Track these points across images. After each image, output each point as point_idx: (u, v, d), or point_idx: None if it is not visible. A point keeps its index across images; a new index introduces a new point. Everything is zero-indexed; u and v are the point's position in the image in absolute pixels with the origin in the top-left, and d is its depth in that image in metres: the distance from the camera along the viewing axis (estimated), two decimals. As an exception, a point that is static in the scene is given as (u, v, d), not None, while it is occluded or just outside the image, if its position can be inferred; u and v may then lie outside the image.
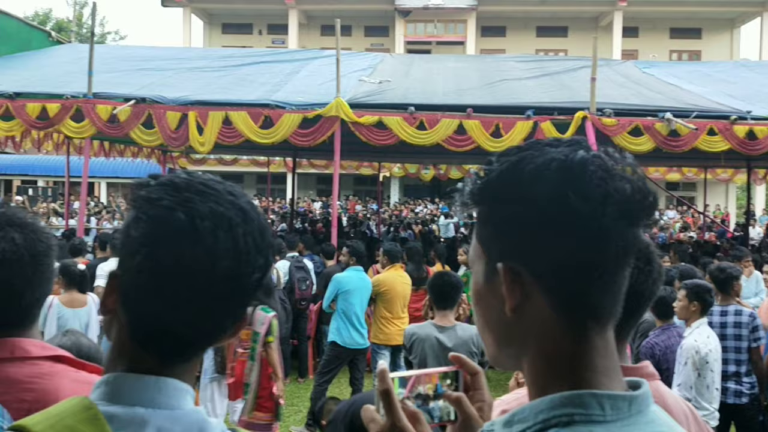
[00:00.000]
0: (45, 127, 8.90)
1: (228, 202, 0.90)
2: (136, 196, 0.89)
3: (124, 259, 0.89)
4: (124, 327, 0.90)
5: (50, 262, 1.41)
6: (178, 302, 0.87)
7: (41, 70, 10.67)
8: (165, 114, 8.47)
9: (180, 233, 0.85)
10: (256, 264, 0.90)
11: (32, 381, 1.33)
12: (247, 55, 12.90)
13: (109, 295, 0.91)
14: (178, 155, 17.52)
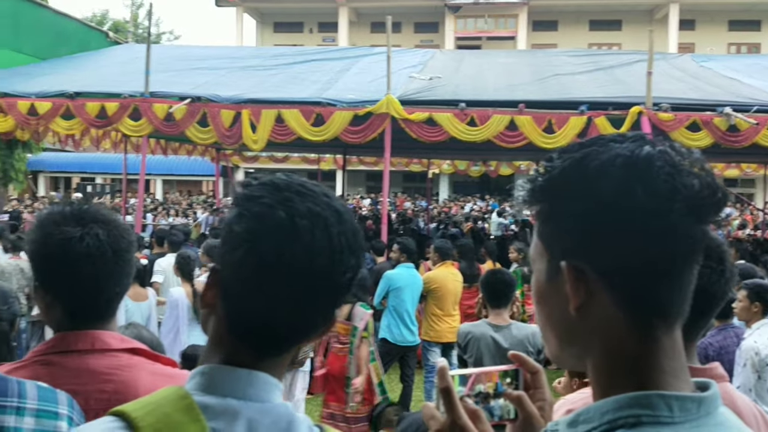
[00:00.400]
0: (104, 125, 9.16)
1: (324, 203, 0.93)
2: (239, 194, 0.94)
3: (225, 254, 0.92)
4: (222, 320, 0.93)
5: (131, 258, 1.47)
6: (277, 297, 0.90)
7: (100, 70, 10.97)
8: (219, 112, 8.62)
9: (280, 230, 0.89)
10: (348, 264, 0.93)
11: (112, 372, 1.38)
12: (299, 53, 13.01)
13: (209, 289, 0.94)
14: (231, 153, 17.80)
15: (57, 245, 1.35)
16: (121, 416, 0.86)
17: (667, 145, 0.79)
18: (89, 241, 1.37)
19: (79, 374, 1.31)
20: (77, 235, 1.37)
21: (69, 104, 8.81)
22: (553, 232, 0.82)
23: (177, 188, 33.22)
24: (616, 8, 33.96)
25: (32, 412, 1.07)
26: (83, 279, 1.38)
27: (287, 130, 8.75)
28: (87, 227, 1.39)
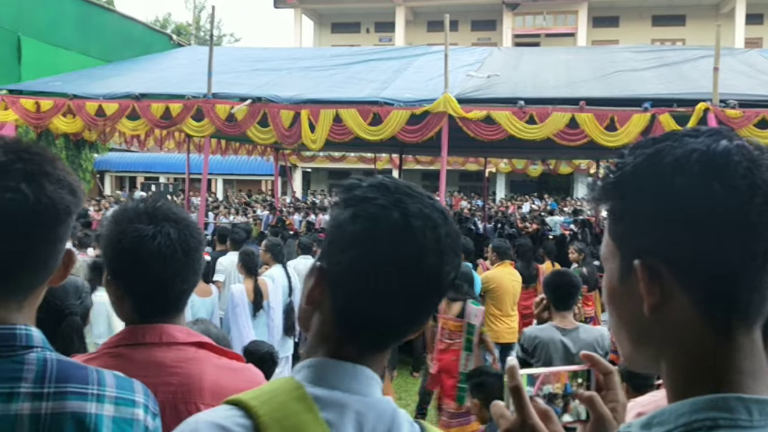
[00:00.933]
0: (168, 126, 9.41)
1: (430, 205, 0.96)
2: (351, 195, 0.97)
3: (336, 253, 0.95)
4: (329, 317, 0.96)
5: (199, 256, 1.51)
6: (388, 296, 0.92)
7: (164, 72, 11.27)
8: (279, 113, 8.75)
9: (396, 230, 0.92)
10: (453, 263, 0.96)
11: (178, 365, 1.41)
12: (356, 53, 13.09)
13: (316, 286, 0.97)
14: (290, 152, 18.06)
15: (130, 242, 1.39)
16: (239, 405, 0.89)
17: (745, 139, 0.77)
18: (160, 240, 1.41)
19: (146, 366, 1.35)
20: (149, 233, 1.41)
21: (135, 105, 9.08)
22: (625, 230, 0.81)
23: (237, 187, 33.87)
24: (680, 3, 32.99)
25: (111, 400, 1.11)
26: (153, 275, 1.42)
27: (345, 129, 8.82)
28: (159, 225, 1.43)
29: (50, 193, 1.08)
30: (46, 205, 1.07)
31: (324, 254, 0.98)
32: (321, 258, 0.98)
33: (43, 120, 9.42)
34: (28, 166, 1.08)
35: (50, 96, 9.44)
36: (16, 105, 9.39)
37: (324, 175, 36.09)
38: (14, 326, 1.08)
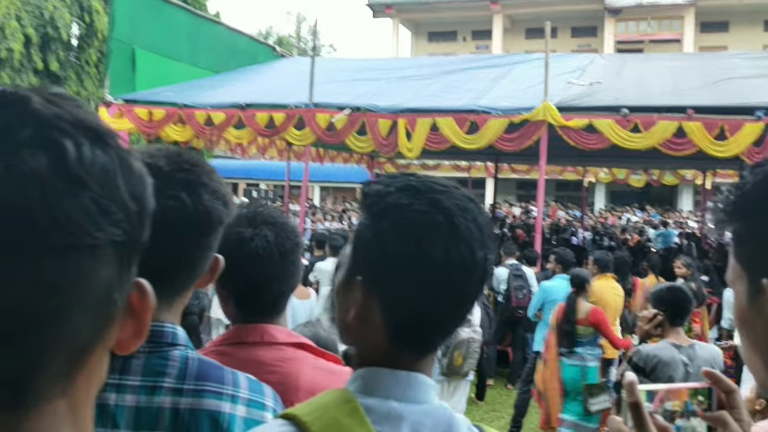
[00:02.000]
0: (271, 135, 9.73)
1: (461, 196, 0.95)
2: (384, 204, 0.94)
3: (379, 265, 0.93)
4: (379, 327, 0.94)
5: (296, 258, 1.54)
6: (444, 297, 0.92)
7: (268, 82, 11.66)
8: (377, 122, 8.87)
9: (444, 232, 0.91)
10: (492, 248, 0.96)
11: (277, 364, 1.46)
12: (453, 62, 13.10)
13: (361, 300, 0.95)
14: (385, 160, 18.26)
15: (231, 245, 1.43)
16: (292, 419, 0.89)
17: None
18: (258, 242, 1.47)
19: (246, 365, 1.39)
20: (248, 235, 1.47)
21: (240, 115, 9.44)
22: (750, 251, 0.78)
23: (333, 194, 34.53)
24: (797, 5, 31.07)
25: (244, 401, 1.16)
26: (252, 277, 1.47)
27: (441, 138, 8.84)
28: (258, 229, 1.48)
29: (206, 202, 1.16)
30: (201, 214, 1.15)
31: (362, 267, 0.95)
32: (359, 271, 0.95)
33: (156, 128, 9.95)
34: (189, 176, 1.16)
35: (162, 105, 9.96)
36: (131, 114, 9.96)
37: (418, 183, 36.17)
38: (163, 324, 1.16)
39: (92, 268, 0.49)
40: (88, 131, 0.50)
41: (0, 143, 0.46)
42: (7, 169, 0.46)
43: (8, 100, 0.49)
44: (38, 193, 0.46)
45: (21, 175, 0.46)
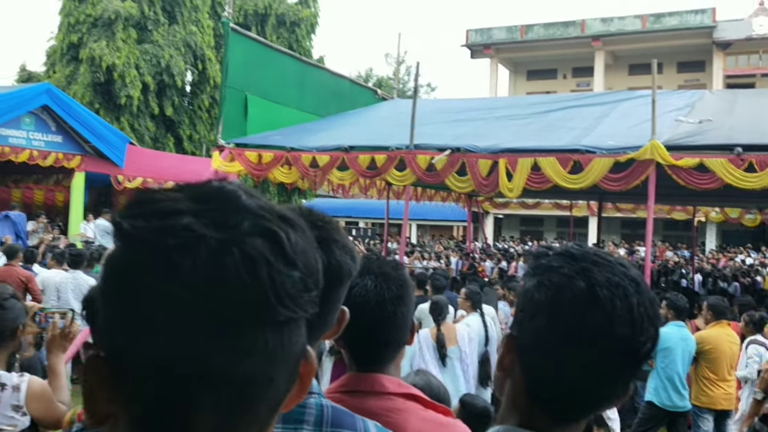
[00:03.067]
0: (373, 176, 9.94)
1: (621, 273, 0.94)
2: (538, 264, 0.98)
3: (524, 320, 0.97)
4: (519, 384, 0.97)
5: (398, 309, 1.53)
6: (577, 366, 0.92)
7: (369, 124, 11.95)
8: (477, 162, 8.90)
9: (581, 300, 0.91)
10: (648, 334, 0.92)
11: (386, 414, 1.46)
12: (554, 101, 12.98)
13: (507, 353, 0.99)
14: (483, 199, 18.18)
15: None
16: None
17: None
18: (357, 291, 1.49)
19: (357, 413, 1.44)
20: (351, 285, 1.47)
21: (344, 157, 9.71)
22: None
23: (430, 232, 34.60)
24: None
25: None
26: (352, 326, 1.49)
27: (543, 177, 8.74)
28: (361, 278, 1.50)
29: (338, 257, 1.22)
30: (334, 269, 1.21)
31: (515, 322, 0.99)
32: (512, 326, 1.00)
33: (264, 171, 10.38)
34: (321, 233, 1.22)
35: (271, 149, 10.39)
36: (242, 157, 10.44)
37: (516, 222, 35.73)
38: None
39: (296, 339, 0.57)
40: (283, 219, 0.58)
41: (230, 232, 0.54)
42: (240, 254, 0.53)
43: (225, 196, 0.57)
44: (266, 273, 0.54)
45: (251, 258, 0.53)
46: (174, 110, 24.24)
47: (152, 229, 0.54)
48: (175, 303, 0.52)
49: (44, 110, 16.45)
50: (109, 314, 0.56)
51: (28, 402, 2.29)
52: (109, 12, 22.32)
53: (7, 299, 2.36)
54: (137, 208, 0.56)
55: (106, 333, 0.56)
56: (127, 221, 0.55)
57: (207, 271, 0.52)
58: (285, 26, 27.04)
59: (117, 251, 0.56)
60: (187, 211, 0.55)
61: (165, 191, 0.58)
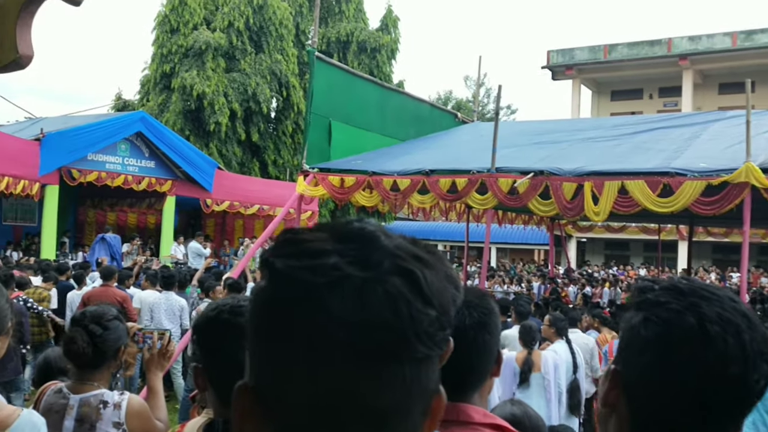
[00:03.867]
0: (454, 199, 9.93)
1: (732, 308, 0.91)
2: (643, 298, 0.96)
3: (630, 356, 0.95)
4: (625, 421, 0.95)
5: (477, 335, 1.51)
6: (686, 404, 0.89)
7: (450, 148, 11.98)
8: (561, 185, 8.76)
9: (691, 336, 0.89)
10: (761, 371, 0.89)
11: None
12: (641, 121, 12.64)
13: (612, 389, 0.97)
14: (566, 222, 17.83)
15: None
16: None
17: None
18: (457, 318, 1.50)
19: None
20: None
21: (425, 180, 9.75)
22: None
23: (510, 256, 34.12)
24: None
25: None
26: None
27: (631, 201, 8.52)
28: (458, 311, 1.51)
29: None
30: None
31: (619, 357, 0.97)
32: (616, 361, 0.98)
33: (346, 195, 10.55)
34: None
35: (353, 173, 10.56)
36: (325, 181, 10.66)
37: (600, 246, 34.77)
38: None
39: (431, 375, 0.60)
40: (418, 258, 0.61)
41: (372, 271, 0.58)
42: (383, 293, 0.57)
43: (366, 236, 0.61)
44: (406, 311, 0.57)
45: (392, 297, 0.57)
46: (260, 136, 24.99)
47: (304, 268, 0.58)
48: (325, 339, 0.56)
49: (138, 137, 17.32)
50: (258, 348, 0.60)
51: (128, 419, 2.39)
52: (200, 43, 23.34)
53: (111, 320, 2.49)
54: (287, 248, 0.60)
55: (256, 365, 0.60)
56: (279, 260, 0.59)
57: (353, 309, 0.56)
58: (366, 52, 27.51)
59: (267, 288, 0.60)
60: (333, 251, 0.58)
61: (310, 231, 0.62)
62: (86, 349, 2.39)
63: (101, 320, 2.47)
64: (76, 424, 2.34)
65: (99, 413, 2.35)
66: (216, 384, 1.52)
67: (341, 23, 28.00)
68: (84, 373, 2.45)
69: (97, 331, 2.42)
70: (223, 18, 24.58)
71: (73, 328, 2.44)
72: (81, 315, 2.50)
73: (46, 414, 2.24)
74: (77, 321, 2.47)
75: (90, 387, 2.43)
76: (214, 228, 22.00)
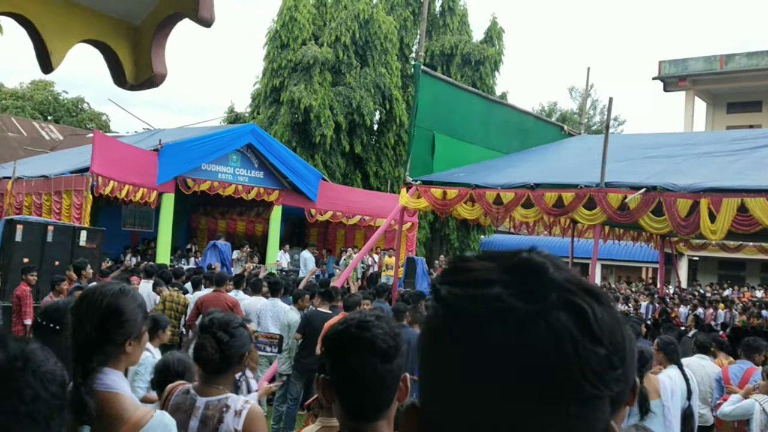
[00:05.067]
0: (559, 214, 9.71)
1: None
2: None
3: None
4: None
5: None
6: None
7: (556, 161, 11.72)
8: (675, 202, 8.39)
9: None
10: None
11: None
12: (762, 135, 11.90)
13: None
14: (678, 240, 17.05)
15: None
16: None
17: None
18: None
19: None
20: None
21: (530, 194, 9.59)
22: None
23: (616, 273, 32.95)
24: None
25: None
26: None
27: (751, 220, 8.05)
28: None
29: None
30: None
31: None
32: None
33: (448, 207, 10.54)
34: None
35: (455, 186, 10.54)
36: (428, 194, 10.69)
37: (713, 265, 32.95)
38: None
39: (600, 416, 0.57)
40: (589, 293, 0.59)
41: (537, 304, 0.57)
42: (546, 327, 0.56)
43: (534, 267, 0.60)
44: (571, 348, 0.55)
45: (556, 332, 0.56)
46: (362, 148, 25.41)
47: (466, 297, 0.58)
48: (486, 371, 0.56)
49: (249, 148, 18.01)
50: (425, 371, 0.62)
51: (246, 428, 2.46)
52: (308, 57, 24.03)
53: (237, 328, 2.59)
54: (454, 276, 0.61)
55: (424, 386, 0.62)
56: (444, 287, 0.60)
57: (514, 342, 0.55)
58: (470, 65, 27.45)
59: (434, 313, 0.62)
60: (498, 281, 0.58)
61: (479, 260, 0.62)
62: (214, 356, 2.49)
63: (228, 328, 2.56)
64: (200, 425, 2.45)
65: (222, 416, 2.45)
66: (342, 396, 1.56)
67: (445, 36, 28.07)
68: (210, 377, 2.55)
69: (224, 339, 2.52)
70: (331, 33, 25.22)
71: (203, 335, 2.55)
72: (209, 323, 2.60)
73: (173, 413, 2.35)
74: (206, 328, 2.58)
75: (216, 391, 2.52)
76: (317, 237, 22.50)
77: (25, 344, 0.89)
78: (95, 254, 11.48)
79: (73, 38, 2.37)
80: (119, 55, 2.52)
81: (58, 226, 11.57)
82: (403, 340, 1.62)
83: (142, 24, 2.62)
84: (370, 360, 1.51)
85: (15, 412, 0.81)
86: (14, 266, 10.33)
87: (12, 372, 0.84)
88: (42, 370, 0.87)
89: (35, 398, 0.84)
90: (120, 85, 2.58)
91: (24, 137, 28.03)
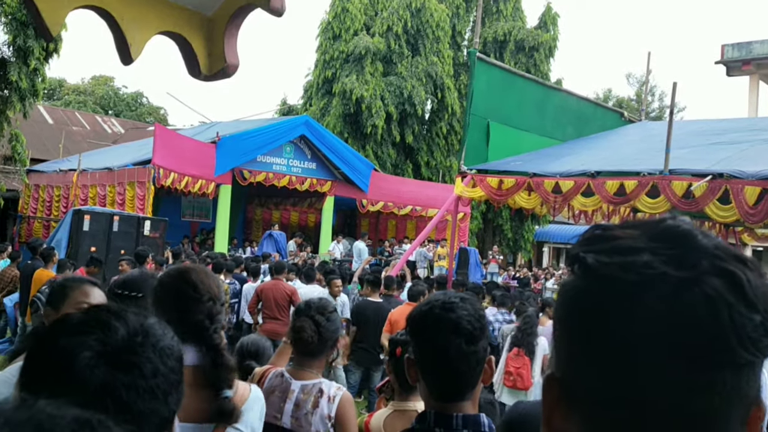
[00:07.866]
0: (621, 203, 9.50)
1: None
2: None
3: None
4: None
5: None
6: None
7: (617, 149, 11.46)
8: (743, 189, 8.12)
9: None
10: None
11: None
12: (835, 119, 11.41)
13: None
14: (742, 230, 16.51)
15: None
16: None
17: None
18: None
19: None
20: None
21: (590, 182, 9.41)
22: None
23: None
24: None
25: None
26: None
27: (826, 207, 7.73)
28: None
29: None
30: None
31: None
32: None
33: (505, 196, 10.42)
34: None
35: (512, 174, 10.42)
36: (483, 183, 10.60)
37: (779, 256, 31.80)
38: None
39: (752, 383, 0.56)
40: (739, 260, 0.57)
41: (689, 270, 0.55)
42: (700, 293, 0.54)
43: (682, 235, 0.58)
44: (727, 315, 0.54)
45: (711, 298, 0.54)
46: (414, 138, 25.31)
47: (615, 265, 0.56)
48: (638, 340, 0.54)
49: (302, 140, 18.16)
50: (567, 342, 0.60)
51: (338, 414, 2.48)
52: (360, 48, 24.05)
53: (332, 312, 2.62)
54: (598, 244, 0.59)
55: (564, 357, 0.60)
56: (590, 255, 0.58)
57: (667, 308, 0.54)
58: (524, 51, 27.03)
59: (576, 282, 0.59)
60: (646, 248, 0.56)
61: (622, 228, 0.60)
62: (313, 338, 2.52)
63: (324, 311, 2.59)
64: (294, 408, 2.48)
65: (317, 401, 2.47)
66: (426, 376, 1.56)
67: (498, 23, 27.70)
68: (305, 359, 2.58)
69: (322, 321, 2.55)
70: (382, 23, 25.16)
71: (301, 318, 2.58)
72: (306, 306, 2.63)
73: (268, 396, 2.39)
74: (303, 311, 2.60)
75: (310, 374, 2.55)
76: (369, 227, 22.57)
77: (144, 318, 0.90)
78: (159, 243, 11.77)
79: (151, 30, 2.41)
80: (194, 46, 2.55)
81: (123, 216, 11.89)
82: (487, 322, 1.62)
83: (215, 15, 2.65)
84: (455, 341, 1.52)
85: (135, 386, 0.82)
86: (82, 255, 10.68)
87: (133, 346, 0.84)
88: (161, 344, 0.87)
89: (155, 373, 0.84)
90: (194, 75, 2.61)
91: (87, 131, 28.89)
